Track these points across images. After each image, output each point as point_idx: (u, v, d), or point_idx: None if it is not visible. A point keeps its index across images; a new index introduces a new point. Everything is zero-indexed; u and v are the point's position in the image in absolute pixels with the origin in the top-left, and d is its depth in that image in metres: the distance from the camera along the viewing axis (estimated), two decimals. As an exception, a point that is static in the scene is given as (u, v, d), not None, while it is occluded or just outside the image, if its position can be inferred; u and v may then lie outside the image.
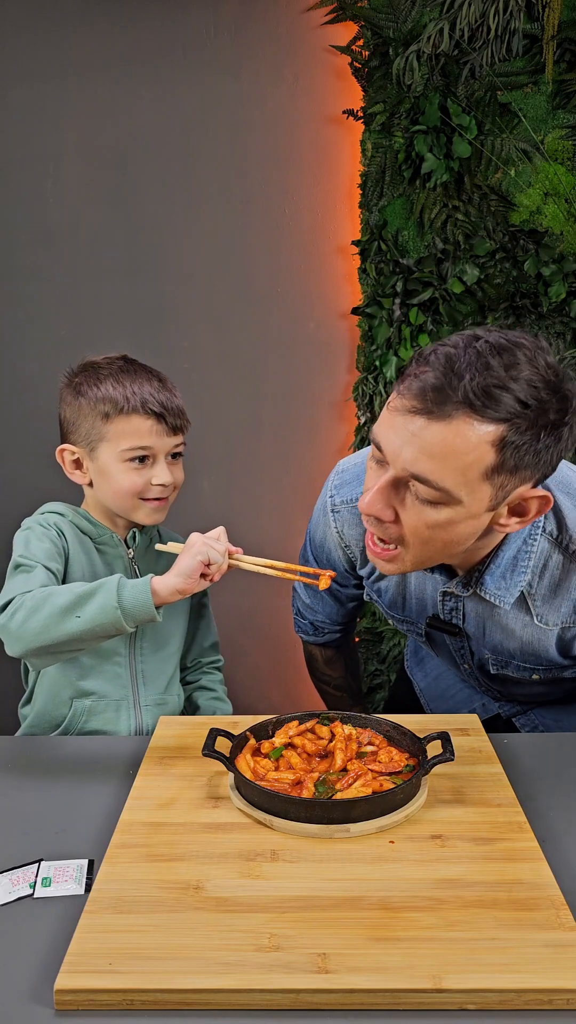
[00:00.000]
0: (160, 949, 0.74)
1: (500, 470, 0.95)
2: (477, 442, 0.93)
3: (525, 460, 0.95)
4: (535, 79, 2.06)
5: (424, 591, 1.23)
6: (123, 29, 2.13)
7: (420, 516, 0.99)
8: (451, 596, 1.18)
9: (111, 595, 1.04)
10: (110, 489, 1.25)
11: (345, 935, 0.76)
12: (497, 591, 1.12)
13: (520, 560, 1.11)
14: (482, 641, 1.22)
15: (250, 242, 2.24)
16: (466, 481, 0.95)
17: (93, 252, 2.23)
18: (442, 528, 0.99)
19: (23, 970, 0.75)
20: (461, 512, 0.98)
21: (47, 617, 1.04)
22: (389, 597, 1.29)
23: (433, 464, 0.95)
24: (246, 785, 0.97)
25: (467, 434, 0.93)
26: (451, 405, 0.93)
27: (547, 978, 0.70)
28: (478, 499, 0.97)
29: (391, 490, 1.00)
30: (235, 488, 2.37)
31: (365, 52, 2.09)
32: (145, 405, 1.22)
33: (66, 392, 1.27)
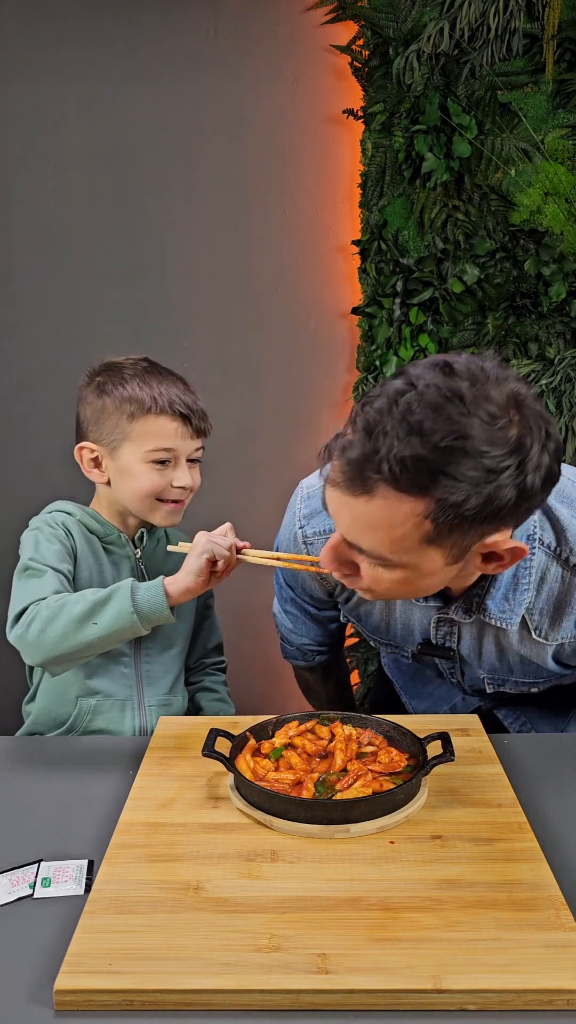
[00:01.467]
0: (160, 949, 0.74)
1: (443, 534, 0.87)
2: (405, 516, 0.86)
3: (473, 518, 0.86)
4: (535, 79, 2.05)
5: (411, 618, 1.17)
6: (123, 29, 2.13)
7: (375, 574, 0.94)
8: (445, 622, 1.13)
9: (126, 600, 1.06)
10: (129, 489, 1.25)
11: (345, 935, 0.76)
12: (501, 614, 1.08)
13: (520, 578, 1.06)
14: (477, 663, 1.18)
15: (250, 242, 2.24)
16: (406, 549, 0.89)
17: (93, 252, 2.23)
18: (402, 583, 0.94)
19: (23, 970, 0.74)
20: (414, 573, 0.92)
21: (64, 626, 1.06)
22: (372, 623, 1.23)
23: (367, 536, 0.90)
24: (246, 785, 0.97)
25: (394, 508, 0.86)
26: (370, 480, 0.86)
27: (547, 978, 0.70)
28: (428, 560, 0.91)
29: (343, 549, 0.95)
30: (235, 488, 2.37)
31: (365, 52, 2.09)
32: (172, 406, 1.23)
33: (87, 391, 1.27)
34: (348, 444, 0.88)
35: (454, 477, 0.83)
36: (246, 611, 2.29)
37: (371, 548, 0.91)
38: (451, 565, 0.92)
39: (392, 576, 0.93)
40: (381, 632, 1.24)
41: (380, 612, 1.20)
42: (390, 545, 0.89)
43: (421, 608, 1.14)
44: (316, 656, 1.42)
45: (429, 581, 0.95)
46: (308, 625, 1.36)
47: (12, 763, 1.13)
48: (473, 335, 2.16)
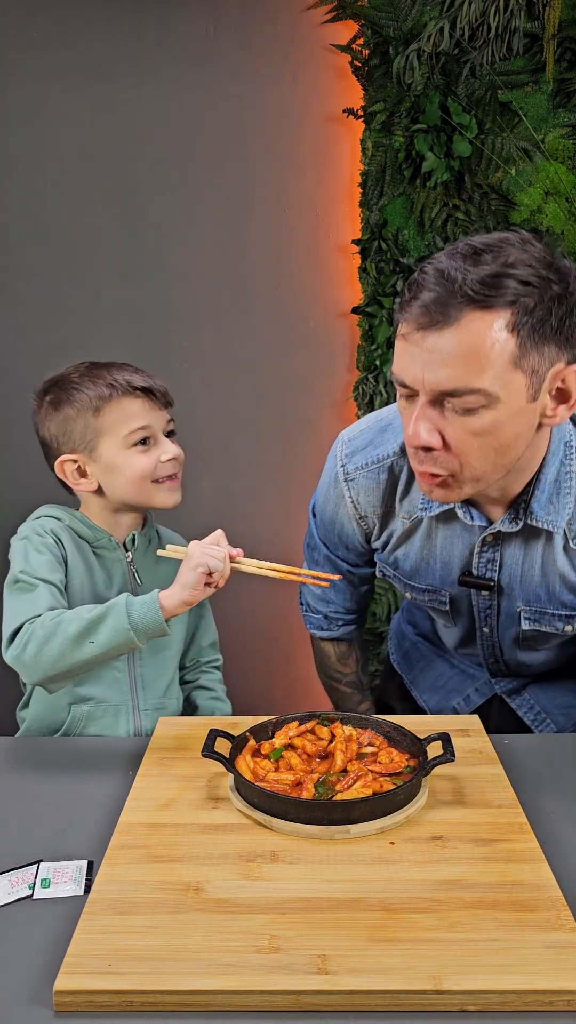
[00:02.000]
0: (160, 950, 0.74)
1: (524, 353, 0.95)
2: (491, 332, 0.93)
3: (545, 335, 0.95)
4: (535, 78, 2.05)
5: (452, 551, 1.20)
6: (123, 29, 2.13)
7: (465, 428, 0.98)
8: (489, 547, 1.17)
9: (121, 617, 1.06)
10: (123, 480, 1.24)
11: (345, 936, 0.75)
12: (547, 516, 1.11)
13: (562, 481, 1.11)
14: (516, 593, 1.20)
15: (250, 242, 2.24)
16: (496, 375, 0.95)
17: (92, 252, 2.23)
18: (490, 434, 0.98)
19: (22, 971, 0.74)
20: (503, 410, 0.97)
21: (60, 646, 1.06)
22: (410, 565, 1.25)
23: (458, 371, 0.95)
24: (246, 786, 0.97)
25: (479, 329, 0.93)
26: (454, 308, 0.93)
27: (548, 979, 0.70)
28: (515, 391, 0.96)
29: (431, 413, 0.99)
30: (235, 488, 2.37)
31: (365, 51, 2.09)
32: (131, 384, 1.22)
33: (43, 412, 1.26)
34: (421, 292, 0.96)
35: (527, 283, 0.93)
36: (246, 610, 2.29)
37: (465, 383, 0.95)
38: (531, 402, 0.98)
39: (482, 423, 0.97)
40: (419, 574, 1.25)
41: (419, 551, 1.23)
42: (481, 372, 0.94)
43: (463, 537, 1.18)
44: (342, 626, 1.44)
45: (513, 427, 0.99)
46: (339, 587, 1.39)
47: (12, 763, 1.13)
48: (473, 335, 2.16)
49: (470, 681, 1.41)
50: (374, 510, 1.25)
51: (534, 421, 1.01)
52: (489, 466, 1.02)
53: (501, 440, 1.00)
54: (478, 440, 0.99)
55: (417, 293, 0.96)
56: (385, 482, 1.22)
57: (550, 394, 1.00)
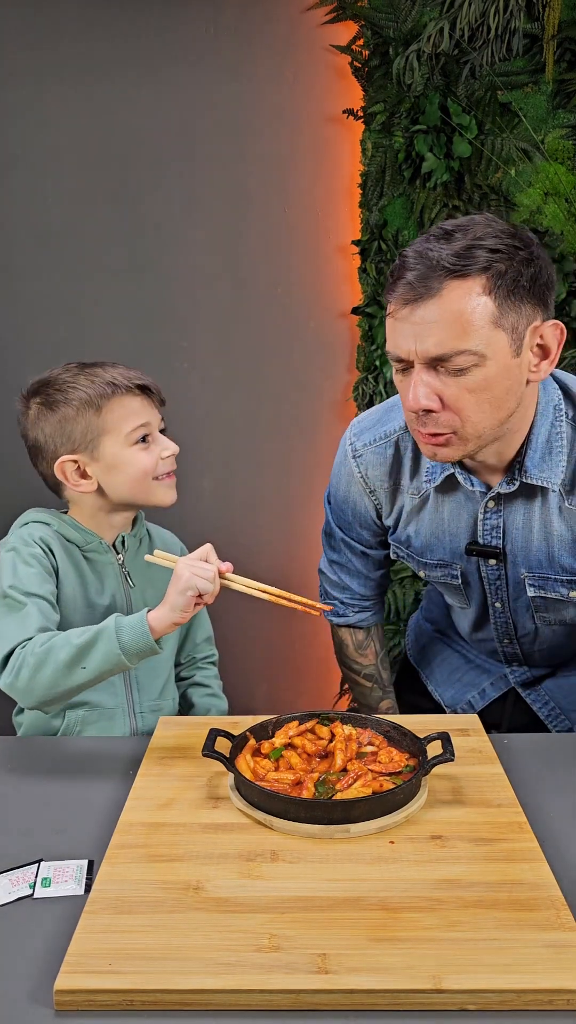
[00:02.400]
0: (160, 949, 0.74)
1: (503, 312, 1.05)
2: (470, 298, 1.04)
3: (519, 295, 1.05)
4: (535, 79, 2.05)
5: (458, 522, 1.27)
6: (123, 29, 2.13)
7: (460, 386, 1.07)
8: (492, 511, 1.23)
9: (112, 642, 1.05)
10: (125, 478, 1.24)
11: (345, 935, 0.76)
12: (541, 473, 1.18)
13: (553, 441, 1.17)
14: (520, 560, 1.25)
15: (250, 242, 2.24)
16: (480, 335, 1.05)
17: (93, 252, 2.23)
18: (484, 389, 1.08)
19: (23, 970, 0.74)
20: (492, 366, 1.06)
21: (53, 673, 1.06)
22: (421, 541, 1.32)
23: (446, 336, 1.05)
24: (246, 785, 0.97)
25: (459, 296, 1.04)
26: (435, 280, 1.04)
27: (547, 979, 0.70)
28: (499, 348, 1.06)
29: (427, 378, 1.08)
30: (235, 488, 2.37)
31: (365, 52, 2.09)
32: (131, 382, 1.23)
33: (35, 413, 1.24)
34: (404, 272, 1.07)
35: (496, 250, 1.04)
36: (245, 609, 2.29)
37: (455, 346, 1.05)
38: (515, 358, 1.08)
39: (474, 380, 1.07)
40: (431, 549, 1.31)
41: (430, 523, 1.29)
42: (465, 334, 1.04)
43: (467, 507, 1.25)
44: (357, 612, 1.48)
45: (503, 382, 1.08)
46: (354, 572, 1.44)
47: (12, 763, 1.13)
48: (473, 335, 2.16)
49: (486, 676, 1.43)
50: (382, 484, 1.31)
51: (522, 376, 1.10)
52: (488, 420, 1.11)
53: (495, 394, 1.09)
54: (473, 396, 1.08)
55: (401, 274, 1.07)
56: (391, 457, 1.29)
57: (532, 351, 1.10)
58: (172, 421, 1.33)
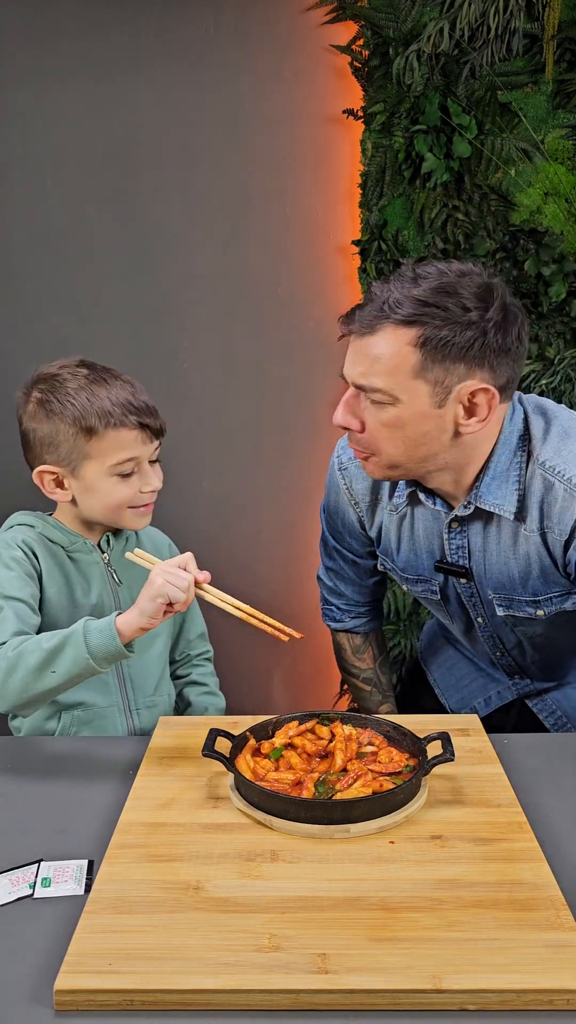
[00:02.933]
0: (160, 949, 0.74)
1: (427, 366, 1.09)
2: (398, 346, 1.09)
3: (451, 355, 1.09)
4: (535, 79, 2.05)
5: (431, 539, 1.30)
6: (123, 29, 2.13)
7: (374, 417, 1.14)
8: (456, 531, 1.26)
9: (80, 646, 1.04)
10: (99, 504, 1.23)
11: (345, 935, 0.76)
12: (494, 500, 1.20)
13: (512, 470, 1.20)
14: (485, 579, 1.27)
15: (250, 242, 2.24)
16: (397, 382, 1.10)
17: (93, 252, 2.22)
18: (396, 427, 1.13)
19: (23, 970, 0.75)
20: (405, 410, 1.12)
21: (23, 678, 1.05)
22: (403, 556, 1.35)
23: (367, 369, 1.12)
24: (246, 785, 0.97)
25: (390, 340, 1.10)
26: (374, 319, 1.10)
27: (547, 978, 0.70)
28: (416, 397, 1.11)
29: (353, 402, 1.16)
30: (235, 488, 2.37)
31: (365, 52, 2.09)
32: (127, 417, 1.19)
33: (31, 409, 1.22)
34: (364, 303, 1.13)
35: (434, 306, 1.08)
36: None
37: (372, 382, 1.12)
38: (436, 408, 1.12)
39: (386, 416, 1.13)
40: (410, 565, 1.35)
41: (407, 539, 1.33)
42: (384, 376, 1.11)
43: (435, 525, 1.29)
44: (353, 617, 1.52)
45: (419, 426, 1.13)
46: (347, 579, 1.48)
47: (12, 763, 1.13)
48: (473, 335, 2.16)
49: (493, 684, 1.44)
50: (364, 498, 1.35)
51: (446, 426, 1.14)
52: (401, 455, 1.16)
53: (408, 434, 1.14)
54: (387, 430, 1.14)
55: (360, 304, 1.14)
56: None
57: (462, 405, 1.13)
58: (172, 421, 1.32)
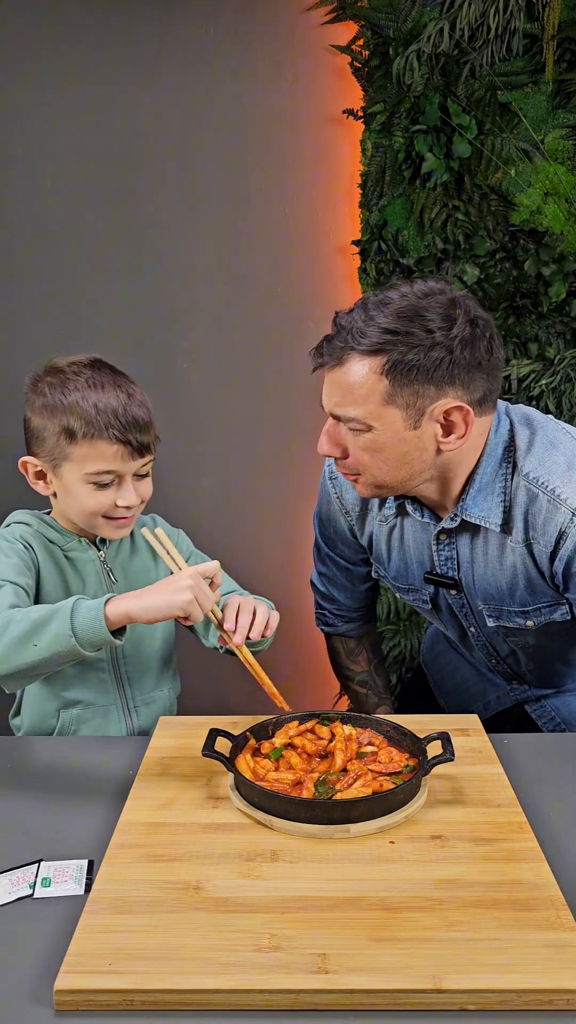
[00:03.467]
0: (160, 949, 0.74)
1: (396, 391, 1.10)
2: (366, 374, 1.10)
3: (419, 377, 1.09)
4: (535, 79, 2.05)
5: (421, 550, 1.31)
6: (123, 29, 2.13)
7: (354, 443, 1.16)
8: (444, 543, 1.27)
9: (65, 622, 0.98)
10: (74, 507, 1.21)
11: (345, 935, 0.76)
12: (480, 512, 1.21)
13: (497, 482, 1.20)
14: (474, 589, 1.27)
15: (250, 242, 2.24)
16: (368, 409, 1.11)
17: (93, 252, 2.22)
18: (375, 451, 1.15)
19: (23, 970, 0.74)
20: (380, 435, 1.13)
21: (7, 646, 0.99)
22: (394, 566, 1.35)
23: (341, 400, 1.13)
24: (246, 785, 0.97)
25: (357, 370, 1.11)
26: (340, 350, 1.12)
27: (547, 978, 0.70)
28: (390, 422, 1.12)
29: (334, 430, 1.17)
30: (235, 488, 2.37)
31: (365, 52, 2.09)
32: (109, 429, 1.15)
33: (32, 399, 1.21)
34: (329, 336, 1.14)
35: (395, 332, 1.08)
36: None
37: (347, 412, 1.13)
38: (412, 430, 1.13)
39: (364, 442, 1.14)
40: (401, 574, 1.36)
41: (398, 549, 1.34)
42: (355, 406, 1.12)
43: (424, 536, 1.29)
44: (346, 622, 1.52)
45: (398, 448, 1.14)
46: (340, 585, 1.49)
47: (12, 763, 1.13)
48: (473, 335, 2.16)
49: (492, 689, 1.44)
50: (354, 507, 1.36)
51: (425, 445, 1.15)
52: (386, 476, 1.17)
53: (387, 456, 1.15)
54: (367, 454, 1.15)
55: (329, 335, 1.14)
56: None
57: (439, 424, 1.13)
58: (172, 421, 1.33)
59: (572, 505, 1.15)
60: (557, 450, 1.19)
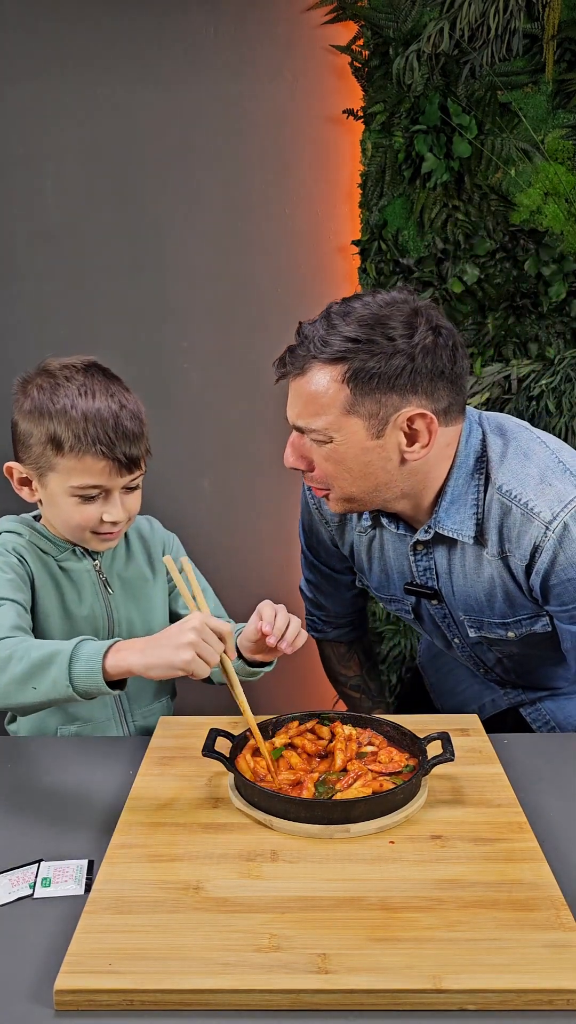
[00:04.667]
0: (160, 949, 0.74)
1: (358, 399, 1.09)
2: (328, 383, 1.09)
3: (380, 386, 1.08)
4: (535, 79, 2.05)
5: (401, 561, 1.30)
6: (123, 29, 2.13)
7: (319, 455, 1.14)
8: (422, 553, 1.26)
9: (63, 670, 0.94)
10: (58, 519, 1.18)
11: (345, 935, 0.76)
12: (453, 525, 1.19)
13: (469, 494, 1.19)
14: (454, 600, 1.26)
15: (250, 242, 2.24)
16: (329, 419, 1.10)
17: (93, 252, 2.22)
18: (339, 463, 1.13)
19: (23, 970, 0.75)
20: (342, 446, 1.11)
21: (7, 684, 0.97)
22: (375, 577, 1.34)
23: (302, 411, 1.12)
24: (246, 785, 0.97)
25: (318, 380, 1.09)
26: (303, 360, 1.10)
27: (547, 978, 0.70)
28: (351, 432, 1.10)
29: (298, 443, 1.15)
30: (235, 488, 2.37)
31: (365, 52, 2.09)
32: (97, 445, 1.11)
33: (22, 400, 1.17)
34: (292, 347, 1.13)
35: (356, 340, 1.07)
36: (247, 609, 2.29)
37: (309, 423, 1.11)
38: (375, 439, 1.11)
39: (328, 453, 1.12)
40: (383, 585, 1.35)
41: (377, 561, 1.33)
42: (316, 416, 1.10)
43: (401, 548, 1.28)
44: (334, 628, 1.52)
45: (361, 458, 1.12)
46: (327, 593, 1.48)
47: (12, 763, 1.13)
48: (473, 335, 2.16)
49: (488, 692, 1.44)
50: (332, 518, 1.36)
51: (389, 455, 1.13)
52: (352, 487, 1.15)
53: (350, 467, 1.13)
54: (331, 465, 1.13)
55: (292, 346, 1.14)
56: None
57: (402, 432, 1.11)
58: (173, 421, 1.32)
59: (545, 519, 1.13)
60: (531, 461, 1.17)
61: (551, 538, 1.12)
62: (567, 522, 1.12)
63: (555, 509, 1.12)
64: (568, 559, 1.13)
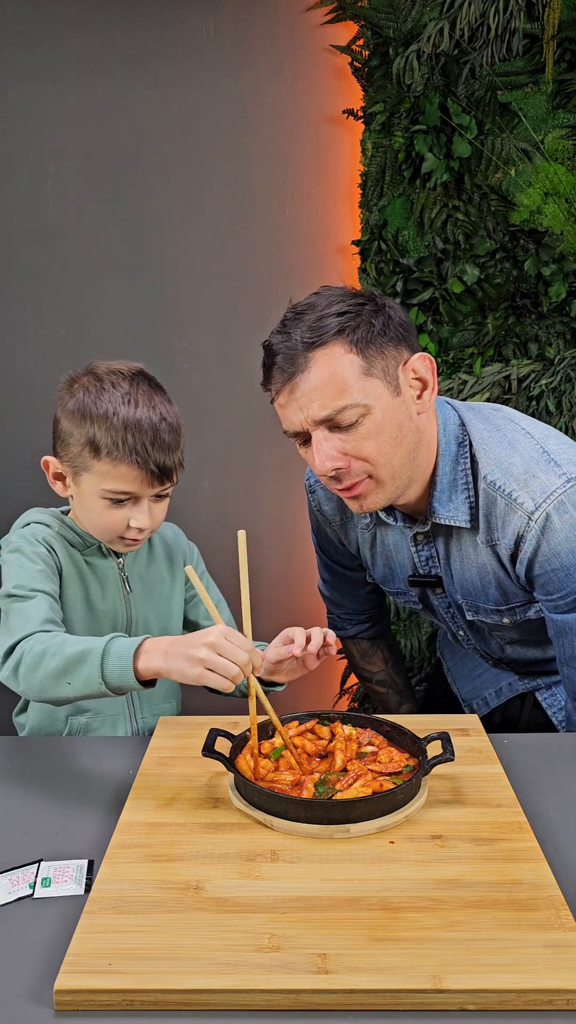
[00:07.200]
0: (160, 949, 0.74)
1: (369, 361, 1.13)
2: (336, 359, 1.12)
3: (379, 341, 1.13)
4: (535, 79, 2.05)
5: (402, 554, 1.33)
6: (123, 29, 2.13)
7: (357, 437, 1.14)
8: (423, 543, 1.29)
9: (95, 667, 0.97)
10: (87, 517, 1.21)
11: (345, 935, 0.76)
12: (448, 512, 1.23)
13: (458, 480, 1.22)
14: (453, 585, 1.29)
15: (250, 242, 2.24)
16: (356, 388, 1.12)
17: (93, 252, 2.23)
18: (378, 433, 1.14)
19: (23, 970, 0.74)
20: (377, 412, 1.14)
21: (43, 679, 1.01)
22: (380, 571, 1.37)
23: (325, 398, 1.12)
24: (246, 785, 0.97)
25: (325, 362, 1.12)
26: (300, 356, 1.12)
27: (547, 978, 0.70)
28: (378, 393, 1.14)
29: (326, 440, 1.15)
30: (235, 488, 2.37)
31: (365, 52, 2.09)
32: (134, 454, 1.14)
33: (66, 398, 1.19)
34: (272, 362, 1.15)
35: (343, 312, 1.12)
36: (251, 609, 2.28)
37: (333, 406, 1.12)
38: (396, 397, 1.15)
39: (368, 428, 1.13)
40: (388, 579, 1.38)
41: (381, 555, 1.36)
42: (342, 392, 1.12)
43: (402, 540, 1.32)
44: (354, 625, 1.55)
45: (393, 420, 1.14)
46: (343, 591, 1.52)
47: (12, 763, 1.13)
48: (473, 335, 2.16)
49: (505, 675, 1.45)
50: (335, 517, 1.39)
51: (409, 411, 1.17)
52: (394, 458, 1.17)
53: (390, 434, 1.15)
54: (372, 442, 1.14)
55: (271, 362, 1.15)
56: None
57: (410, 386, 1.17)
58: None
59: (528, 508, 1.16)
60: (516, 451, 1.20)
61: (533, 528, 1.16)
62: (550, 513, 1.15)
63: (538, 500, 1.16)
64: (551, 549, 1.16)
